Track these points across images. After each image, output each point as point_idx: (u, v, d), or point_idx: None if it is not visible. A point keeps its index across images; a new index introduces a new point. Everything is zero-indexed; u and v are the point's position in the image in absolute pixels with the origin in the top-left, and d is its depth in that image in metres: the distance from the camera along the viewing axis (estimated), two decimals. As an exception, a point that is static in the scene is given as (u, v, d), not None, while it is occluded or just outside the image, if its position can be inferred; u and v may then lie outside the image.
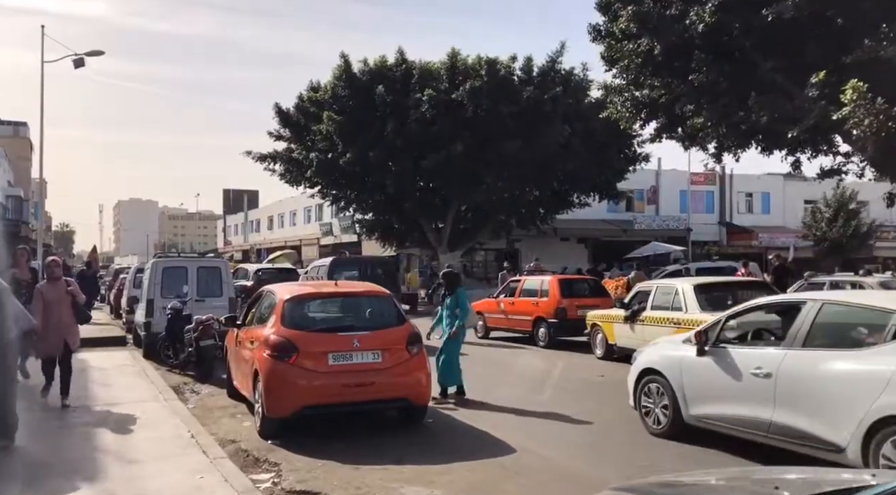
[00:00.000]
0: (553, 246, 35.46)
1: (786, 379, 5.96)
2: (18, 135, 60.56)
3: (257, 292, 9.18)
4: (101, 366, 11.29)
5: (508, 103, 24.73)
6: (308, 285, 8.58)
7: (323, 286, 8.40)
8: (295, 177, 30.64)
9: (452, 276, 10.04)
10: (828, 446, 5.58)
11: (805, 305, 6.24)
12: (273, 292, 8.26)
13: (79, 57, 29.05)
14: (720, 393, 6.60)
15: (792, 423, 5.86)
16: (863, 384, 5.42)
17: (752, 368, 6.23)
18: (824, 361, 5.78)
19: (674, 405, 7.05)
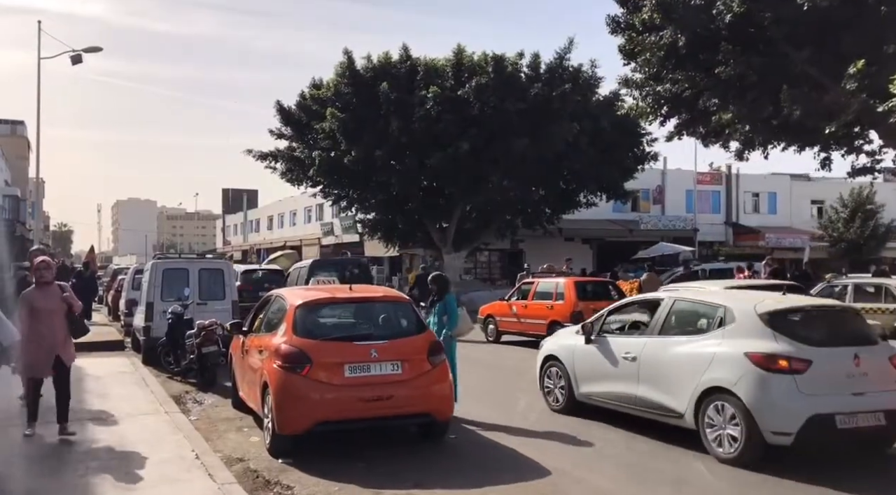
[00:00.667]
0: (557, 246, 34.87)
1: (646, 362, 7.43)
2: (16, 134, 59.98)
3: (265, 297, 8.60)
4: (97, 374, 10.69)
5: (515, 101, 24.13)
6: (320, 290, 7.99)
7: (336, 291, 7.81)
8: (297, 176, 30.01)
9: (441, 280, 9.38)
10: (673, 413, 7.06)
11: (662, 302, 7.79)
12: (282, 297, 7.68)
13: (76, 53, 28.52)
14: (601, 375, 8.04)
15: (650, 397, 7.31)
16: (695, 363, 6.89)
17: (623, 353, 7.74)
18: (672, 346, 7.26)
19: (568, 385, 8.49)
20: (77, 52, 28.34)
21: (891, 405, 6.40)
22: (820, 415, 6.15)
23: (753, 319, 6.70)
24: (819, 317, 7.12)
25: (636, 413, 7.60)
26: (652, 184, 38.59)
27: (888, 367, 6.66)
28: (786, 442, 6.22)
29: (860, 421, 6.25)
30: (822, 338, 6.66)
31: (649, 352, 7.40)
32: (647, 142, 27.34)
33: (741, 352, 6.47)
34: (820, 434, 6.22)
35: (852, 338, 6.75)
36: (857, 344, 6.65)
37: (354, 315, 7.55)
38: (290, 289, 8.12)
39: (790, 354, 6.33)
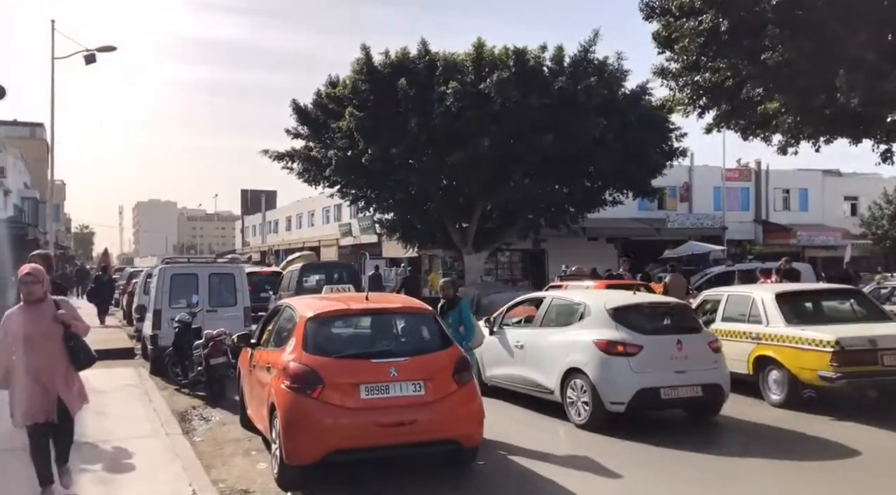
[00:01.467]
0: (581, 246, 33.96)
1: (530, 349, 9.15)
2: (35, 137, 60.08)
3: (274, 307, 7.88)
4: (100, 387, 10.00)
5: (538, 95, 23.23)
6: (332, 299, 7.23)
7: (351, 300, 7.05)
8: (313, 176, 29.34)
9: (454, 286, 8.59)
10: (547, 390, 8.73)
11: (545, 299, 9.75)
12: (292, 308, 6.93)
13: (90, 53, 28.17)
14: (500, 360, 9.67)
15: (533, 377, 8.98)
16: (561, 348, 8.56)
17: (514, 342, 9.45)
18: (548, 335, 9.01)
19: (478, 370, 9.50)
20: (91, 52, 28.00)
21: (707, 380, 8.16)
22: (647, 389, 7.90)
23: (603, 314, 8.43)
24: (652, 311, 9.03)
25: (523, 391, 9.30)
26: (678, 181, 37.45)
27: (707, 351, 8.38)
28: (620, 409, 7.94)
29: (681, 393, 7.98)
30: (652, 327, 8.51)
31: (533, 341, 9.18)
32: (675, 138, 26.28)
33: (590, 340, 8.19)
34: (647, 403, 8.01)
35: (678, 328, 8.59)
36: (681, 332, 8.43)
37: (371, 328, 6.77)
38: (302, 299, 7.36)
39: (626, 341, 8.07)
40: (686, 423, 8.62)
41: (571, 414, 8.29)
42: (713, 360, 8.31)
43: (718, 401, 8.33)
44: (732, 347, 9.74)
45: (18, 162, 49.96)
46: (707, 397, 8.15)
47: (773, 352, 9.08)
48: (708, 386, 8.10)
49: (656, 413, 8.56)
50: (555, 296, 9.74)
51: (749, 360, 9.43)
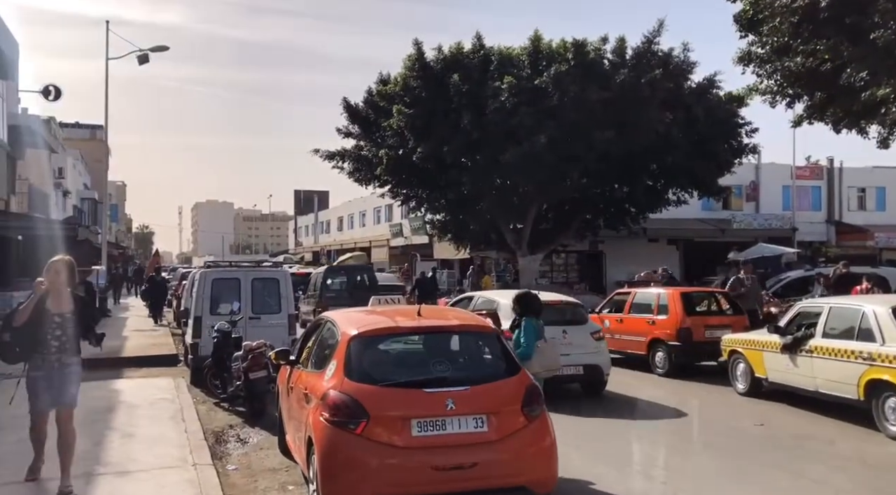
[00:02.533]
0: (640, 247, 32.49)
1: None
2: (95, 138, 61.34)
3: (315, 320, 7.02)
4: (132, 401, 9.37)
5: (599, 89, 21.96)
6: (379, 314, 6.30)
7: (400, 315, 6.12)
8: (364, 176, 28.66)
9: (524, 299, 7.52)
10: None
11: (474, 298, 12.05)
12: (333, 323, 6.02)
13: (143, 53, 28.14)
14: None
15: None
16: None
17: None
18: None
19: None
20: (144, 52, 27.99)
21: (587, 361, 10.30)
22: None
23: (508, 309, 9.26)
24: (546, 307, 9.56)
25: None
26: (745, 179, 35.47)
27: (589, 339, 10.58)
28: None
29: (565, 371, 9.21)
30: (545, 320, 8.93)
31: None
32: (745, 133, 24.62)
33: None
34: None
35: (565, 322, 10.55)
36: (568, 324, 10.52)
37: (424, 350, 5.78)
38: (345, 313, 6.46)
39: None
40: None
41: None
42: (594, 347, 10.56)
43: (599, 378, 10.55)
44: (837, 368, 8.46)
45: (79, 163, 51.00)
46: (587, 375, 10.38)
47: (890, 375, 7.78)
48: (588, 367, 10.34)
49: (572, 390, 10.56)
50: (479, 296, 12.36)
51: (860, 384, 8.14)
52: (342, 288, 23.10)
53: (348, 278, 23.36)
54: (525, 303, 7.29)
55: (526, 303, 7.30)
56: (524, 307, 7.24)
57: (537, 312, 7.35)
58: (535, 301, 7.44)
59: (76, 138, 59.30)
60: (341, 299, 20.28)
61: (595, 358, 10.45)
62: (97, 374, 12.35)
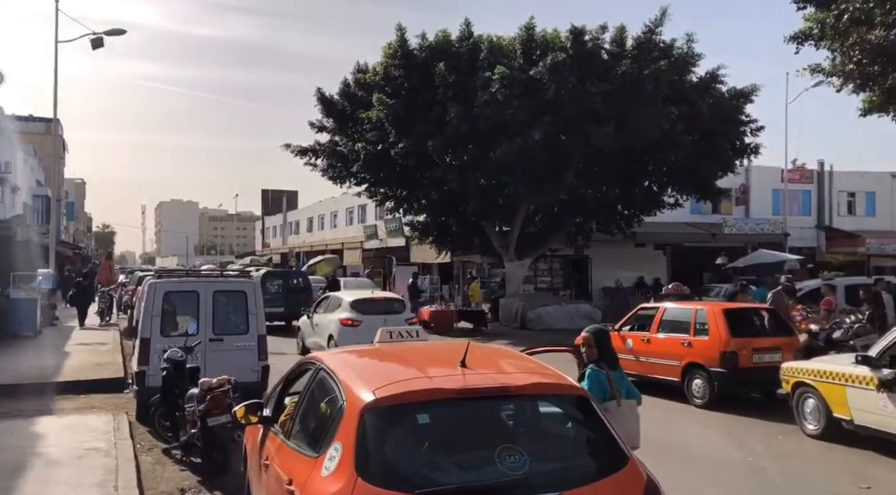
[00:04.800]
0: (627, 253, 30.91)
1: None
2: (50, 133, 57.99)
3: (300, 362, 5.01)
4: (53, 454, 7.22)
5: (598, 81, 20.26)
6: (398, 359, 4.27)
7: (431, 363, 4.06)
8: (339, 173, 26.58)
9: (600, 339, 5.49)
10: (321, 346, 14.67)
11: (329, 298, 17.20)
12: (332, 375, 3.99)
13: (97, 36, 25.68)
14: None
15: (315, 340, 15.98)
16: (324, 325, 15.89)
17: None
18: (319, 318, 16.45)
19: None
20: (98, 35, 25.53)
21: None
22: None
23: (346, 304, 15.34)
24: (371, 302, 15.73)
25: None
26: (735, 182, 34.12)
27: (404, 325, 11.90)
28: None
29: None
30: (371, 310, 15.00)
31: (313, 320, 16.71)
32: (750, 131, 23.14)
33: (337, 318, 15.12)
34: None
35: (385, 311, 15.24)
36: (387, 314, 14.99)
37: (480, 426, 3.64)
38: (345, 357, 4.47)
39: (353, 318, 14.84)
40: None
41: None
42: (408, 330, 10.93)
43: None
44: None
45: (31, 158, 47.84)
46: None
47: None
48: None
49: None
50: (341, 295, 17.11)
51: None
52: (279, 290, 24.08)
53: (283, 282, 24.74)
54: (601, 344, 5.32)
55: (601, 344, 5.33)
56: (599, 350, 5.29)
57: (611, 359, 5.36)
58: (607, 342, 5.46)
59: (31, 132, 55.72)
60: (276, 302, 22.02)
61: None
62: (21, 405, 10.16)
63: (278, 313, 22.20)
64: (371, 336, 12.89)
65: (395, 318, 14.54)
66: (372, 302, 15.78)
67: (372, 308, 15.24)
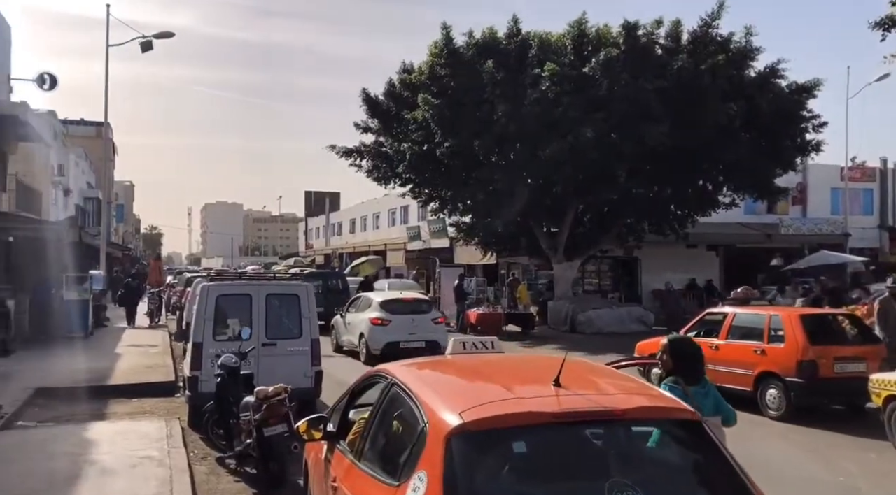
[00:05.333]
0: (678, 254, 29.91)
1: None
2: (101, 137, 59.30)
3: (368, 375, 4.64)
4: (106, 462, 7.01)
5: (653, 77, 19.59)
6: (480, 375, 3.84)
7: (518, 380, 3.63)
8: (384, 174, 26.38)
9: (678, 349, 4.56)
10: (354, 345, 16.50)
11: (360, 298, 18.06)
12: (408, 392, 3.58)
13: (147, 39, 25.97)
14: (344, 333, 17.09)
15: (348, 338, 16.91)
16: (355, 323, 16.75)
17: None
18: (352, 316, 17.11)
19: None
20: (147, 39, 25.82)
21: (429, 338, 15.48)
22: (392, 342, 15.18)
23: (376, 304, 16.18)
24: (399, 302, 16.60)
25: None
26: (791, 181, 32.86)
27: (431, 324, 16.12)
28: (378, 353, 14.68)
29: (413, 345, 14.97)
30: (399, 310, 15.99)
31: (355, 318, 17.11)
32: (812, 128, 22.13)
33: (367, 318, 15.83)
34: (392, 350, 14.68)
35: (413, 311, 16.18)
36: (415, 313, 16.09)
37: (582, 456, 3.20)
38: (420, 371, 4.09)
39: (383, 317, 15.62)
40: None
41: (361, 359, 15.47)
42: (434, 328, 15.96)
43: (437, 350, 13.70)
44: None
45: (82, 161, 48.92)
46: (428, 346, 14.88)
47: None
48: (429, 341, 15.24)
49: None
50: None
51: None
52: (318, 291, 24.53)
53: (323, 282, 24.46)
54: (678, 355, 4.71)
55: (679, 355, 4.71)
56: (676, 361, 4.69)
57: (691, 372, 4.70)
58: (688, 355, 4.79)
59: (81, 136, 57.12)
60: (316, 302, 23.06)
61: (434, 336, 15.63)
62: (74, 409, 10.08)
63: (318, 313, 22.08)
64: (399, 334, 15.51)
65: (422, 318, 16.11)
66: (400, 302, 16.62)
67: (400, 308, 16.18)
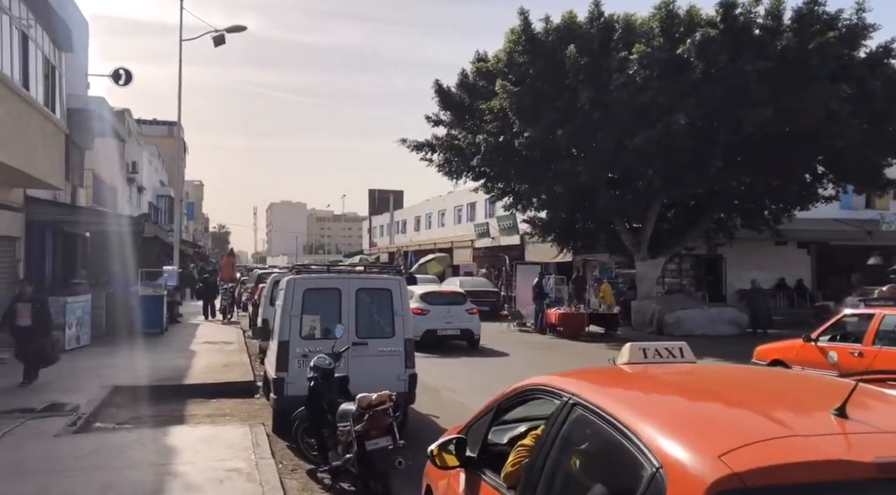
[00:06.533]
0: (765, 251, 28.01)
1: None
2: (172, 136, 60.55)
3: (522, 388, 3.66)
4: (190, 474, 6.26)
5: (755, 58, 18.04)
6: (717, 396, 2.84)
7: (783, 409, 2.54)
8: (455, 168, 25.50)
9: None
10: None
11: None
12: (611, 417, 2.60)
13: (219, 33, 25.81)
14: None
15: None
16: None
17: None
18: None
19: None
20: (220, 33, 25.66)
21: (463, 326, 17.38)
22: (430, 329, 16.82)
23: (417, 296, 17.12)
24: (437, 294, 18.31)
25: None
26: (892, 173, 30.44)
27: (465, 314, 17.64)
28: (418, 339, 11.72)
29: (449, 332, 17.11)
30: (437, 301, 17.50)
31: None
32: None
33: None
34: (431, 337, 16.72)
35: (449, 302, 17.74)
36: (451, 305, 17.61)
37: None
38: (614, 386, 3.11)
39: (422, 307, 16.82)
40: None
41: None
42: (468, 318, 17.69)
43: (471, 337, 17.51)
44: None
45: (155, 159, 49.82)
46: (462, 335, 17.45)
47: None
48: (463, 330, 17.47)
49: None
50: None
51: None
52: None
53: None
54: None
55: None
56: None
57: None
58: None
59: (153, 135, 58.47)
60: None
61: (468, 324, 17.55)
62: (153, 410, 9.48)
63: None
64: (436, 322, 17.44)
65: (458, 309, 17.83)
66: (438, 294, 18.52)
67: (438, 299, 17.91)
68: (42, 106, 13.56)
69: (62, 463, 6.53)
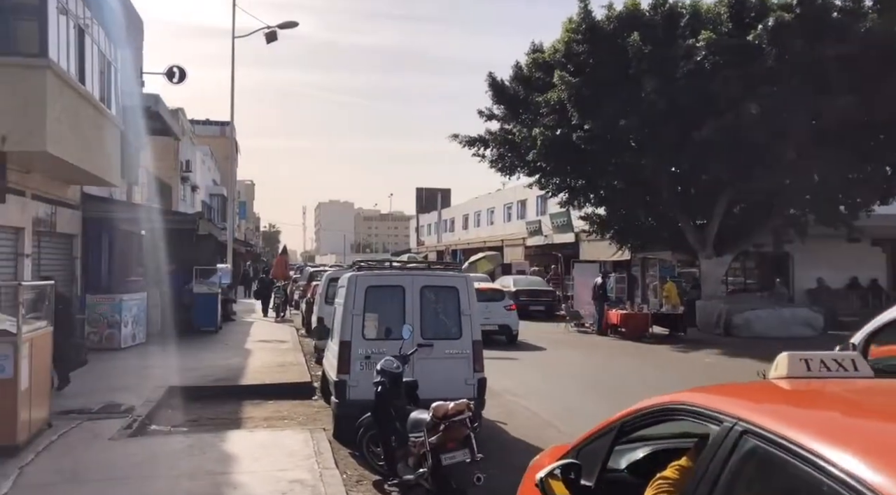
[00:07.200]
0: (837, 249, 26.44)
1: None
2: (224, 136, 61.38)
3: (657, 407, 3.01)
4: (250, 486, 5.77)
5: (835, 43, 16.89)
6: None
7: None
8: (509, 163, 24.79)
9: None
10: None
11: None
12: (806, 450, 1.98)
13: (271, 30, 25.69)
14: None
15: None
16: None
17: None
18: None
19: None
20: (272, 29, 25.54)
21: (500, 322, 18.24)
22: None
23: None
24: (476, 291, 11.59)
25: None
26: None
27: (503, 310, 18.49)
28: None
29: (487, 328, 13.66)
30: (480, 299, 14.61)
31: None
32: None
33: None
34: None
35: (488, 299, 17.61)
36: (489, 301, 17.77)
37: None
38: (791, 407, 2.46)
39: None
40: None
41: None
42: (506, 314, 18.46)
43: (510, 333, 18.45)
44: None
45: (208, 158, 50.46)
46: (500, 330, 18.25)
47: None
48: (501, 325, 18.30)
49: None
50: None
51: None
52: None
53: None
54: None
55: None
56: None
57: None
58: None
59: (206, 135, 59.31)
60: None
61: (506, 320, 18.44)
62: (209, 411, 9.11)
63: None
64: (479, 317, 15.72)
65: (496, 305, 18.41)
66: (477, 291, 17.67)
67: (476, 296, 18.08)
68: (98, 101, 13.42)
69: (118, 470, 6.16)
